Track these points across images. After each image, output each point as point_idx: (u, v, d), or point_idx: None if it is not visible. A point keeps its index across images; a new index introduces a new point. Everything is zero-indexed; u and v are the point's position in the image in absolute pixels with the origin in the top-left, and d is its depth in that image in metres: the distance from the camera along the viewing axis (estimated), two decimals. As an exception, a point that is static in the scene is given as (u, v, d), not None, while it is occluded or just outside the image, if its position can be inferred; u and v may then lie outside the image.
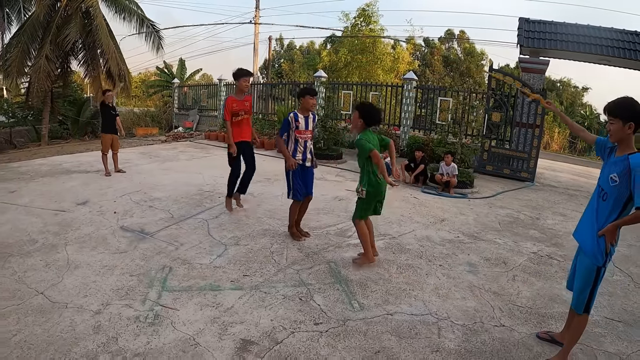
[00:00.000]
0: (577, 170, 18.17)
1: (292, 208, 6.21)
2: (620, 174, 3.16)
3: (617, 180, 3.18)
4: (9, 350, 3.39)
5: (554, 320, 4.31)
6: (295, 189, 6.03)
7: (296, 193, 6.04)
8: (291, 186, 6.04)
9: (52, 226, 6.27)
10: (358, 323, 4.04)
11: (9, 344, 3.47)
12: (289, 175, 6.04)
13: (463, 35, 41.55)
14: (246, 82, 6.97)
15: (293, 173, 5.98)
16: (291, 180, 6.02)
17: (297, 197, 6.06)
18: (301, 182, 6.08)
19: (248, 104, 7.16)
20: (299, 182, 6.04)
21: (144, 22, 19.88)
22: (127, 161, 11.32)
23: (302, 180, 6.09)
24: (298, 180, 6.03)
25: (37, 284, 4.50)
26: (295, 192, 6.04)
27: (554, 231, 7.50)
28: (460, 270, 5.45)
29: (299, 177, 6.05)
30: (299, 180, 6.05)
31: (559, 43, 12.53)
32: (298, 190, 6.04)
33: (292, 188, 6.04)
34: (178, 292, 4.52)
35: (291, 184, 6.03)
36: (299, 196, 6.07)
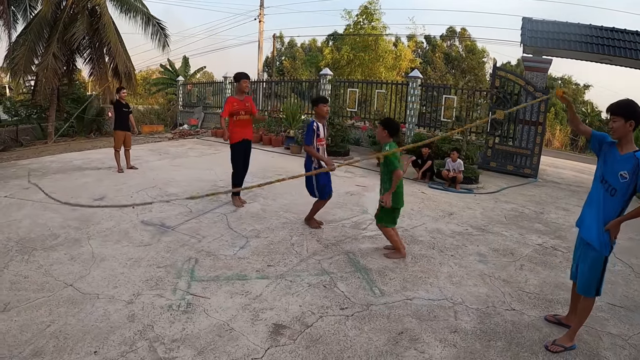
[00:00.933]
0: (579, 167, 18.43)
1: (318, 205, 6.52)
2: (630, 171, 3.43)
3: (627, 177, 3.44)
4: (45, 340, 3.43)
5: (560, 305, 4.54)
6: (324, 191, 6.35)
7: (324, 193, 6.38)
8: (318, 189, 6.33)
9: (72, 221, 6.33)
10: (380, 307, 4.25)
11: (44, 334, 3.52)
12: (311, 180, 6.32)
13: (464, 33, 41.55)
14: (246, 84, 7.33)
15: (317, 177, 6.24)
16: (316, 184, 6.30)
17: (325, 196, 6.42)
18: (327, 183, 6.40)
19: (249, 104, 7.42)
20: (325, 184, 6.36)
21: (150, 20, 19.85)
22: (137, 158, 11.36)
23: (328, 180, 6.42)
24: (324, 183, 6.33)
25: (65, 277, 4.56)
26: (323, 193, 6.36)
27: (558, 225, 7.72)
28: (471, 260, 5.67)
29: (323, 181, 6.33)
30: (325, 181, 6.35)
31: (561, 42, 12.69)
32: (326, 190, 6.38)
33: (319, 190, 6.34)
34: (206, 281, 4.60)
35: (316, 186, 6.32)
36: (326, 196, 6.42)
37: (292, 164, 12.07)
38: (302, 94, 20.19)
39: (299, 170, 10.89)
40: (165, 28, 20.32)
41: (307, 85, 19.68)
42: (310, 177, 6.29)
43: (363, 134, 15.80)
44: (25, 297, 4.10)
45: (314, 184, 6.31)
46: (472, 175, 10.67)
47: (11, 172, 9.59)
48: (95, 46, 18.86)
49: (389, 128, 5.42)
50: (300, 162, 12.06)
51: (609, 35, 12.66)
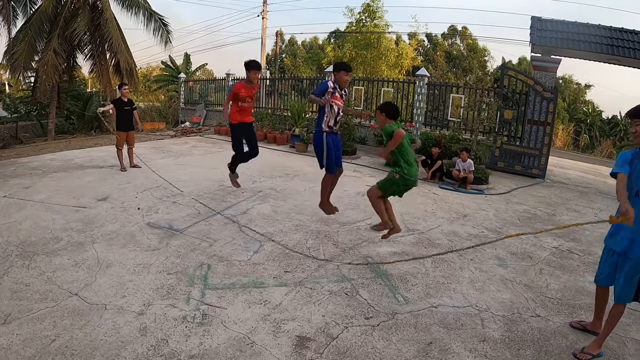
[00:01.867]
0: (584, 167, 18.49)
1: (325, 181, 6.32)
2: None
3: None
4: (50, 357, 3.17)
5: (582, 310, 4.45)
6: (329, 161, 6.14)
7: (330, 168, 6.17)
8: (325, 156, 6.14)
9: (74, 223, 6.05)
10: (406, 316, 4.07)
11: (48, 350, 3.25)
12: (321, 148, 6.12)
13: (466, 32, 41.44)
14: (255, 75, 7.12)
15: (326, 145, 6.07)
16: (324, 154, 6.12)
17: (331, 171, 6.20)
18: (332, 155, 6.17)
19: (254, 91, 7.30)
20: (331, 156, 6.15)
21: (152, 16, 19.50)
22: (140, 156, 10.96)
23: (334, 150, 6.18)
24: (331, 154, 6.13)
25: (70, 285, 4.28)
26: (329, 165, 6.16)
27: (571, 227, 7.50)
28: (491, 264, 5.53)
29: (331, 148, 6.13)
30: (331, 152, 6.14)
31: (570, 42, 12.54)
32: (332, 164, 6.16)
33: (325, 161, 6.15)
34: (222, 289, 4.33)
35: (324, 157, 6.14)
36: (333, 170, 6.20)
37: (299, 162, 11.81)
38: (303, 92, 20.00)
39: (307, 169, 10.72)
40: (168, 24, 20.01)
41: (309, 83, 19.49)
42: (320, 138, 6.13)
43: (369, 133, 15.56)
44: (27, 308, 3.82)
45: (324, 148, 6.12)
46: (482, 176, 10.56)
47: (11, 171, 9.30)
48: (96, 42, 18.53)
49: (386, 110, 5.34)
50: (307, 160, 11.91)
51: (618, 35, 12.55)
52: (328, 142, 6.11)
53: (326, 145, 6.10)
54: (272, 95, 20.55)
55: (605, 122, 35.34)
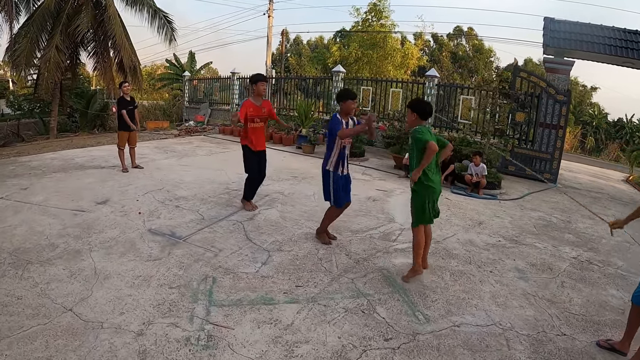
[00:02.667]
0: (593, 171, 18.47)
1: (330, 213, 5.78)
2: None
3: None
4: (41, 383, 2.84)
5: (607, 327, 4.26)
6: (338, 196, 5.59)
7: (338, 200, 5.61)
8: (332, 194, 5.60)
9: (72, 228, 5.73)
10: (428, 337, 3.79)
11: (39, 374, 2.92)
12: (329, 182, 5.58)
13: (471, 32, 41.17)
14: (263, 87, 6.65)
15: (335, 181, 5.52)
16: (332, 188, 5.58)
17: (339, 204, 5.65)
18: (343, 190, 5.64)
19: (265, 111, 6.79)
20: (341, 190, 5.60)
21: (156, 13, 19.24)
22: (143, 156, 10.76)
23: (343, 187, 5.66)
24: (340, 188, 5.59)
25: (64, 299, 3.96)
26: (337, 199, 5.60)
27: (588, 235, 7.43)
28: (511, 276, 5.28)
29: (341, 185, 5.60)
30: (341, 188, 5.61)
31: (584, 44, 12.27)
32: (340, 197, 5.61)
33: (333, 196, 5.60)
34: (228, 307, 4.00)
35: (332, 191, 5.59)
36: (341, 204, 5.67)
37: (306, 164, 11.50)
38: (308, 92, 19.74)
39: (315, 171, 10.42)
40: (172, 22, 19.75)
41: (313, 83, 19.26)
42: (327, 176, 5.57)
43: (377, 134, 15.25)
44: (18, 324, 3.51)
45: (331, 185, 5.57)
46: (494, 180, 10.32)
47: (9, 170, 9.00)
48: (99, 39, 18.30)
49: (419, 110, 4.84)
50: (315, 162, 11.60)
51: (633, 38, 12.28)
52: (335, 181, 5.55)
53: (333, 184, 5.57)
54: (277, 94, 20.28)
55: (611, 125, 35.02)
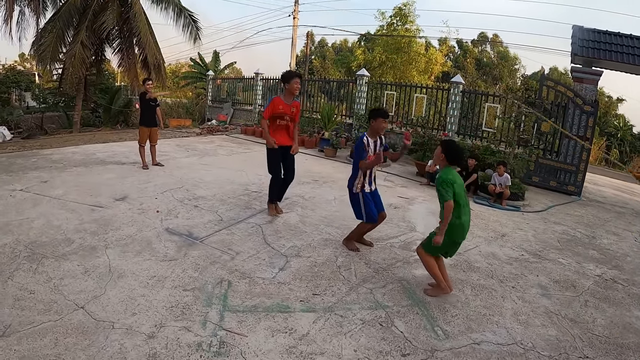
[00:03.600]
0: (618, 184, 18.23)
1: (363, 227, 5.62)
2: None
3: None
4: (47, 382, 2.75)
5: (631, 351, 4.09)
6: (370, 214, 5.42)
7: (371, 217, 5.44)
8: (364, 212, 5.43)
9: (89, 224, 5.67)
10: (447, 354, 3.62)
11: (46, 372, 2.83)
12: (359, 204, 5.43)
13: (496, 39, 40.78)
14: (297, 85, 6.37)
15: (365, 198, 5.38)
16: (363, 206, 5.42)
17: (373, 220, 5.49)
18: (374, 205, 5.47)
19: (295, 110, 6.55)
20: (372, 206, 5.44)
21: (182, 12, 19.35)
22: (164, 154, 10.73)
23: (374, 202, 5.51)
24: (371, 204, 5.43)
25: (76, 296, 3.88)
26: (370, 216, 5.44)
27: (612, 252, 7.25)
28: (534, 293, 5.11)
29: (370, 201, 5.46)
30: (372, 204, 5.45)
31: (614, 54, 11.96)
32: (373, 213, 5.43)
33: (365, 213, 5.43)
34: (242, 313, 3.87)
35: (363, 209, 5.43)
36: (375, 218, 5.49)
37: (328, 168, 11.39)
38: (331, 94, 19.64)
39: (337, 175, 10.32)
40: (198, 21, 19.85)
41: (337, 86, 19.24)
42: (356, 198, 5.43)
43: (399, 139, 15.08)
44: (29, 320, 3.45)
45: (362, 205, 5.43)
46: (518, 191, 10.12)
47: (31, 163, 9.04)
48: (124, 36, 18.45)
49: (449, 153, 4.58)
50: (337, 166, 11.49)
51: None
52: (366, 202, 5.42)
53: (363, 200, 5.41)
54: (300, 96, 20.22)
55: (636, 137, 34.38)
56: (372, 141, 5.32)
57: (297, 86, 6.37)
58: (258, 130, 16.70)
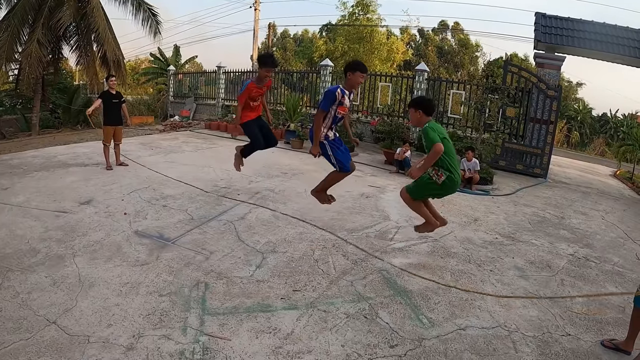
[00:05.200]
0: (581, 165, 19.16)
1: (335, 176, 5.59)
2: None
3: None
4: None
5: (610, 326, 4.24)
6: (341, 160, 5.39)
7: (344, 164, 5.42)
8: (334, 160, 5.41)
9: (54, 231, 5.42)
10: (434, 342, 3.65)
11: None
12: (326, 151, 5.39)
13: (457, 27, 41.17)
14: (267, 74, 6.22)
15: (332, 148, 5.35)
16: (332, 154, 5.39)
17: (346, 167, 5.45)
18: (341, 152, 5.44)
19: (265, 88, 6.51)
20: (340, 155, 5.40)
21: (141, 5, 18.82)
22: (127, 153, 10.41)
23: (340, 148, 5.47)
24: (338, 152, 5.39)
25: (47, 310, 3.67)
26: (341, 164, 5.41)
27: (582, 231, 7.52)
28: (511, 275, 5.20)
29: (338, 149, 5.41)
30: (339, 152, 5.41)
31: (576, 40, 12.39)
32: (344, 162, 5.41)
33: (337, 162, 5.40)
34: (223, 315, 3.75)
35: (333, 158, 5.40)
36: (347, 167, 5.46)
37: (295, 160, 11.30)
38: (293, 86, 19.56)
39: (305, 167, 10.24)
40: (157, 14, 19.36)
41: (299, 77, 19.28)
42: (326, 154, 5.40)
43: (366, 129, 15.09)
44: (-2, 340, 3.25)
45: (332, 159, 5.43)
46: (487, 176, 10.37)
47: (-11, 169, 8.64)
48: (82, 32, 17.89)
49: (423, 106, 4.62)
50: (304, 158, 11.40)
51: (625, 34, 12.37)
52: (331, 145, 5.39)
53: (330, 147, 5.38)
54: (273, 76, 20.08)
55: (595, 120, 35.32)
56: (348, 93, 5.29)
57: (267, 74, 6.21)
58: (222, 125, 16.52)
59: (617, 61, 13.12)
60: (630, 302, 4.70)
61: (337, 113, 5.27)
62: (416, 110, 4.63)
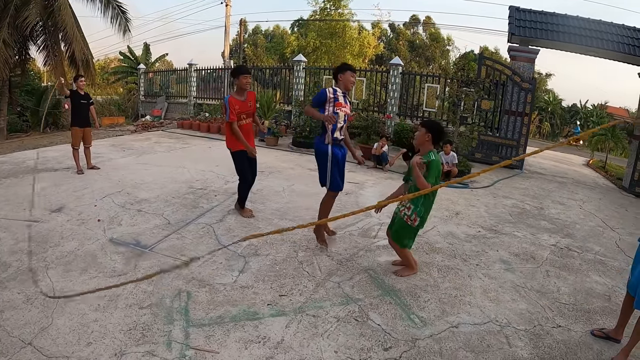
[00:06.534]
0: (554, 156, 19.57)
1: (328, 201, 5.33)
2: None
3: None
4: None
5: (598, 315, 4.34)
6: (334, 176, 5.14)
7: (336, 182, 5.18)
8: (329, 175, 5.13)
9: (25, 242, 5.10)
10: (428, 342, 3.61)
11: None
12: (325, 162, 5.11)
13: (429, 21, 41.43)
14: (246, 80, 5.96)
15: (332, 160, 5.07)
16: (329, 168, 5.11)
17: (338, 187, 5.22)
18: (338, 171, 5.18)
19: (252, 105, 6.17)
20: (337, 170, 5.15)
21: (110, 2, 18.32)
22: (98, 155, 10.08)
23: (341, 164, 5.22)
24: (336, 167, 5.14)
25: (21, 330, 3.39)
26: (335, 181, 5.16)
27: (561, 221, 7.74)
28: (498, 268, 5.26)
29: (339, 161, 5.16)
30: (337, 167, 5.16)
31: (549, 33, 12.71)
32: (338, 178, 5.17)
33: (330, 177, 5.13)
34: (208, 326, 3.57)
35: (329, 172, 5.12)
36: (340, 185, 5.24)
37: (271, 158, 11.21)
38: (265, 82, 19.42)
39: (281, 164, 10.09)
40: (127, 11, 18.88)
41: (271, 73, 19.21)
42: (324, 153, 5.08)
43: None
44: (-29, 366, 3.02)
45: (329, 164, 5.10)
46: (465, 169, 10.61)
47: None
48: (50, 32, 17.33)
49: (435, 133, 4.52)
50: (279, 155, 11.26)
51: (597, 27, 12.71)
52: (335, 154, 5.09)
53: (332, 158, 5.08)
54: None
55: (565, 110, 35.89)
56: (342, 93, 5.12)
57: (246, 81, 5.97)
58: (195, 124, 16.26)
59: (590, 53, 13.39)
60: (615, 290, 4.96)
61: (336, 110, 5.04)
62: (427, 132, 4.50)
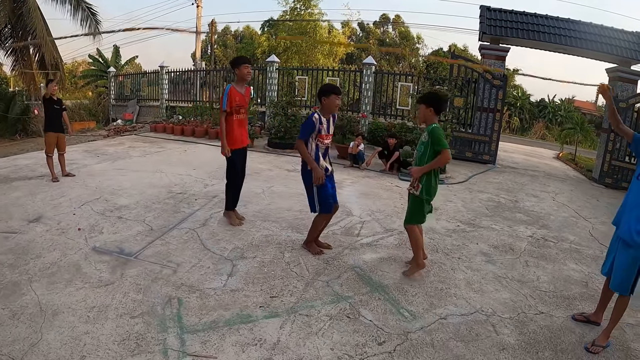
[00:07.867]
0: (525, 150, 20.10)
1: (319, 221, 5.23)
2: None
3: None
4: None
5: (577, 301, 4.58)
6: (325, 202, 5.04)
7: (326, 206, 5.08)
8: (318, 200, 5.02)
9: (4, 255, 4.88)
10: (419, 334, 3.74)
11: None
12: (312, 187, 5.01)
13: (399, 20, 41.72)
14: (247, 70, 5.83)
15: (320, 185, 4.95)
16: (318, 194, 5.00)
17: (328, 209, 5.12)
18: (327, 190, 5.06)
19: (248, 99, 6.06)
20: (327, 193, 5.05)
21: (79, 4, 17.85)
22: (72, 162, 9.84)
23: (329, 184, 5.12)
24: (327, 191, 5.04)
25: (10, 348, 3.24)
26: (325, 205, 5.06)
27: (536, 213, 8.08)
28: (479, 261, 5.46)
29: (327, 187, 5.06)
30: (328, 190, 5.07)
31: (520, 32, 13.11)
32: (328, 202, 5.07)
33: (320, 202, 5.03)
34: (203, 331, 3.54)
35: (318, 197, 5.01)
36: (330, 208, 5.14)
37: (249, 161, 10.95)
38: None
39: (258, 166, 10.11)
40: (97, 13, 18.44)
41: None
42: (310, 186, 5.04)
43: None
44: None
45: (315, 195, 5.01)
46: None
47: None
48: (18, 35, 16.87)
49: (436, 104, 4.54)
50: (256, 157, 11.23)
51: (565, 25, 13.14)
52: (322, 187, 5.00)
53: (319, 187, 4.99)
54: (204, 87, 19.76)
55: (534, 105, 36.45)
56: (325, 119, 4.98)
57: (248, 71, 5.84)
58: (169, 127, 16.05)
59: (559, 51, 13.75)
60: (591, 276, 5.25)
61: (318, 142, 4.97)
62: (428, 107, 4.53)
